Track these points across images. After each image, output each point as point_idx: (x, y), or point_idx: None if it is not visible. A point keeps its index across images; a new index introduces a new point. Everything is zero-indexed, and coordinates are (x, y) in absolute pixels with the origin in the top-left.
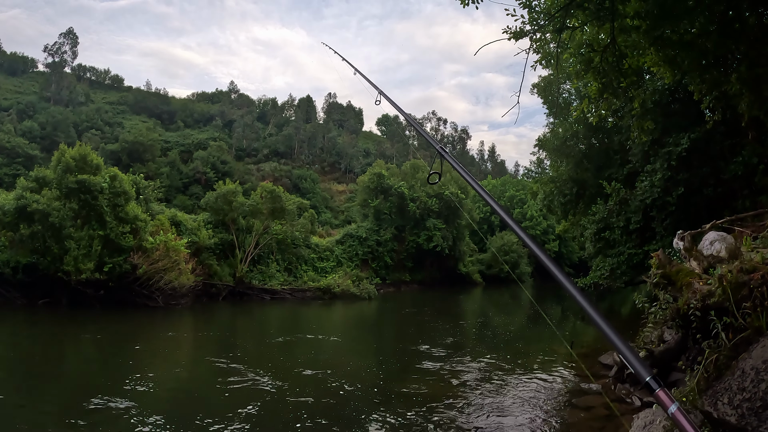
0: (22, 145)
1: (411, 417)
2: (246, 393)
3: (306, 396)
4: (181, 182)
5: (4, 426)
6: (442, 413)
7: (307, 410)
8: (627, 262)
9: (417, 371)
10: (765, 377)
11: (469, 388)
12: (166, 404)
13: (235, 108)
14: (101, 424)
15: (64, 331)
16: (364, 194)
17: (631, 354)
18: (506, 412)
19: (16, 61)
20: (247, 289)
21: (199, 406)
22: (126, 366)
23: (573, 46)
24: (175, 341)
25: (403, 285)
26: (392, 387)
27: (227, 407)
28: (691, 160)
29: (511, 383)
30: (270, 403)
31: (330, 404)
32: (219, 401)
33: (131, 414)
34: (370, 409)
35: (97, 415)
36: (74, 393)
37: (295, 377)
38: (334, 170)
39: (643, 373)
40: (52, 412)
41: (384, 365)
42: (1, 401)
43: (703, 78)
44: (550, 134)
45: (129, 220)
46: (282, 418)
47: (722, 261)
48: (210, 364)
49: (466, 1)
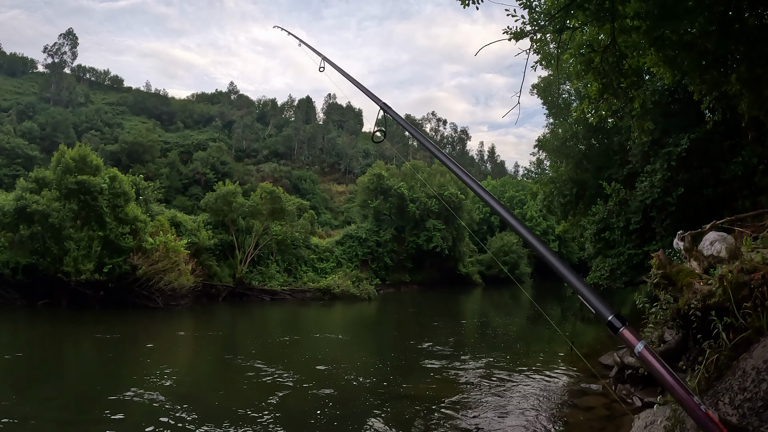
0: (22, 145)
1: (411, 417)
2: (244, 393)
3: (305, 396)
4: (180, 183)
5: (3, 427)
6: (442, 413)
7: (307, 411)
8: (627, 263)
9: (417, 371)
10: (766, 377)
11: (470, 388)
12: (166, 405)
13: (235, 109)
14: (102, 425)
15: (64, 332)
16: (364, 195)
17: (592, 295)
18: (506, 412)
19: (16, 62)
20: (246, 289)
21: (197, 408)
22: (127, 367)
23: (573, 47)
24: (175, 342)
25: (402, 286)
26: (392, 387)
27: (225, 408)
28: (691, 160)
29: (511, 383)
30: (269, 404)
31: (330, 404)
32: (217, 402)
33: (132, 414)
34: (370, 409)
35: (98, 416)
36: (74, 394)
37: (295, 378)
38: (334, 171)
39: (604, 312)
40: (52, 414)
41: (384, 365)
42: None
43: (703, 78)
44: (550, 135)
45: (129, 220)
46: (282, 418)
47: (722, 261)
48: (210, 365)
49: (467, 1)
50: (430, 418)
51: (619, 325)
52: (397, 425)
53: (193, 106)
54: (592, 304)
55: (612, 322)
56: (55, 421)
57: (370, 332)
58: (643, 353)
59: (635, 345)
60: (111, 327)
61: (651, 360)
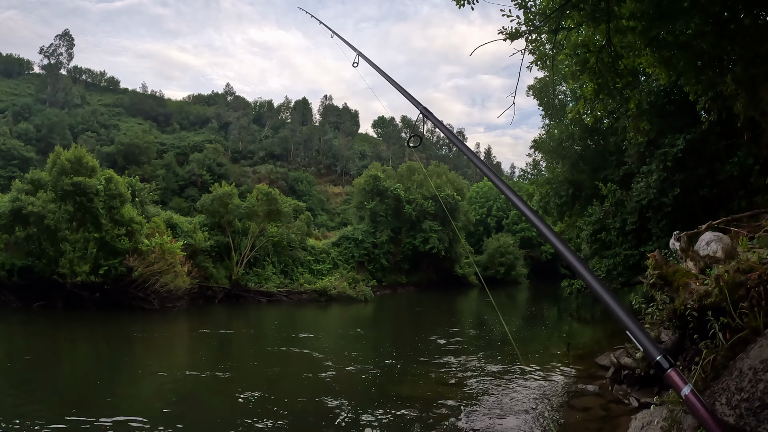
0: (18, 147)
1: (408, 418)
2: (241, 394)
3: (303, 397)
4: (176, 184)
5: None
6: (439, 414)
7: (304, 412)
8: (623, 263)
9: (414, 372)
10: (763, 377)
11: (467, 390)
12: (163, 407)
13: (231, 110)
14: (99, 427)
15: (60, 334)
16: (360, 196)
17: (641, 333)
18: (503, 413)
19: (12, 63)
20: (243, 291)
21: (194, 409)
22: (123, 369)
23: (568, 47)
24: (171, 343)
25: (399, 287)
26: (389, 388)
27: (222, 409)
28: (687, 160)
29: (507, 384)
30: (265, 405)
31: (328, 405)
32: (213, 403)
33: (129, 416)
34: (367, 410)
35: (94, 418)
36: (69, 396)
37: (292, 379)
38: (330, 172)
39: (653, 352)
40: (48, 415)
41: (381, 367)
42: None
43: (699, 79)
44: (546, 136)
45: (124, 222)
46: (279, 419)
47: (719, 261)
48: (206, 367)
49: (462, 1)
50: (427, 418)
51: (667, 367)
52: (394, 426)
53: (190, 108)
54: (642, 342)
55: (660, 362)
56: (52, 423)
57: (366, 334)
58: (689, 397)
59: (682, 388)
60: (107, 329)
61: (697, 405)
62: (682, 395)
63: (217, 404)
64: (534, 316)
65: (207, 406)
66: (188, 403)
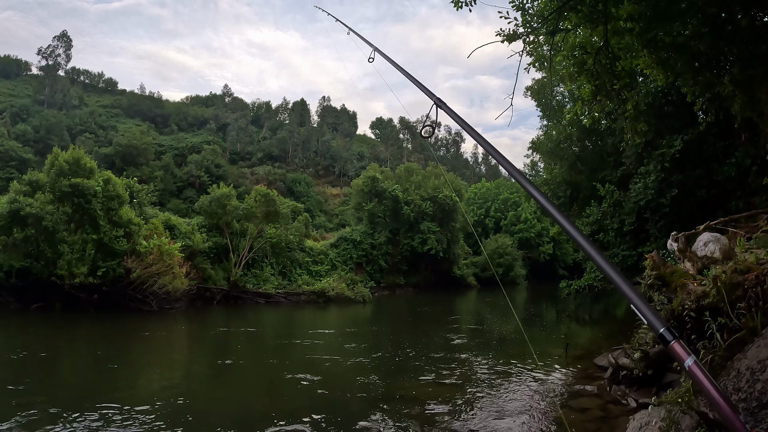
0: (16, 148)
1: (406, 419)
2: (238, 395)
3: (301, 398)
4: (175, 186)
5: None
6: (437, 415)
7: (303, 412)
8: (621, 264)
9: (412, 373)
10: (760, 377)
11: (465, 390)
12: (160, 409)
13: (229, 111)
14: (96, 428)
15: (58, 336)
16: (359, 197)
17: (645, 306)
18: (501, 413)
19: (10, 64)
20: (241, 292)
21: (191, 410)
22: (120, 370)
23: (566, 49)
24: (169, 345)
25: (397, 288)
26: (387, 389)
27: (220, 410)
28: (685, 161)
29: (506, 385)
30: (263, 406)
31: (326, 406)
32: (211, 404)
33: (126, 417)
34: (366, 411)
35: (92, 419)
36: (67, 397)
37: (290, 380)
38: (328, 174)
39: (657, 324)
40: (46, 416)
41: (379, 367)
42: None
43: (696, 80)
44: (544, 137)
45: (123, 223)
46: (277, 420)
47: (716, 262)
48: (204, 368)
49: (460, 3)
50: (426, 419)
51: (670, 339)
52: (392, 426)
53: (188, 109)
54: (645, 315)
55: (663, 334)
56: (52, 423)
57: (364, 334)
58: (693, 368)
59: (685, 359)
60: (105, 330)
61: (699, 376)
62: (686, 366)
63: (214, 403)
64: (532, 316)
65: (204, 406)
66: (188, 402)
